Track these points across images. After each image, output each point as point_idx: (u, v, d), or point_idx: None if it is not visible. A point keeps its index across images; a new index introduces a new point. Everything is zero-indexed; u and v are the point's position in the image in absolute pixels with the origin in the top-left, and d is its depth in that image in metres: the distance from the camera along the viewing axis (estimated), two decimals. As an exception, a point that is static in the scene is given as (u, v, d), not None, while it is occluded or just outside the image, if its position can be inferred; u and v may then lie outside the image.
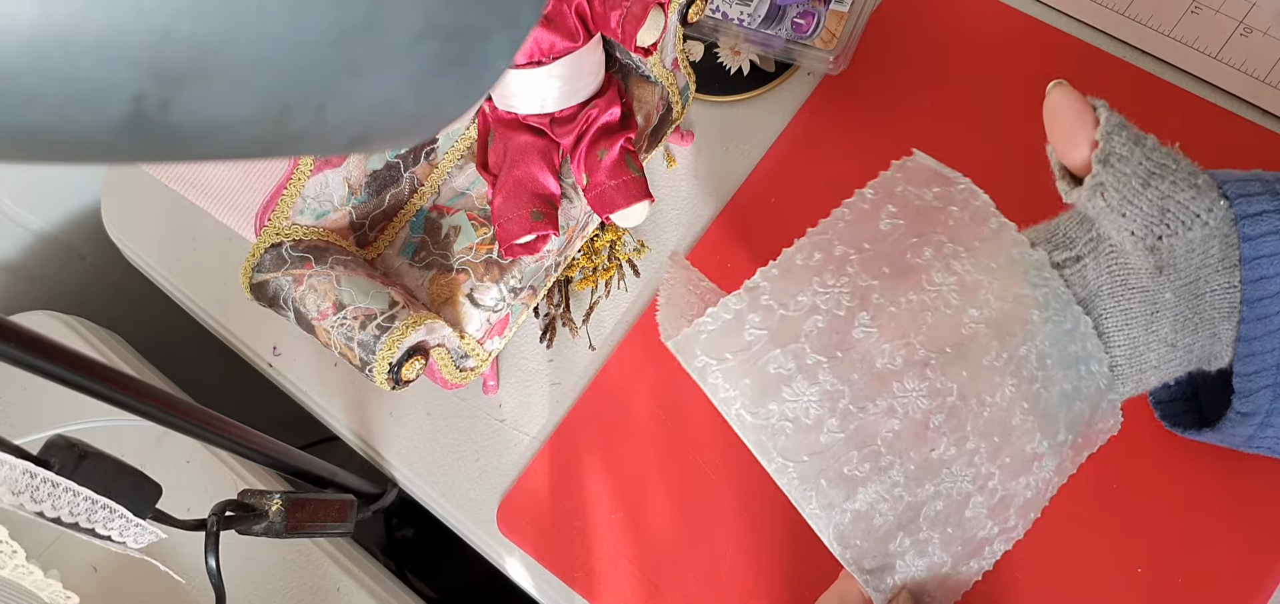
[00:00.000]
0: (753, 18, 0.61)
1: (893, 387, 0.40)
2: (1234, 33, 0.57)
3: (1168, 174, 0.38)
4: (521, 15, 0.16)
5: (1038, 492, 0.42)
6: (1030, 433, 0.42)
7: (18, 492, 0.35)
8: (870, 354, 0.40)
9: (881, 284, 0.40)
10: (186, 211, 0.67)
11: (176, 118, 0.13)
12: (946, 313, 0.40)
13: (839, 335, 0.40)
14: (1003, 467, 0.41)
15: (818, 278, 0.40)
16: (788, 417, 0.40)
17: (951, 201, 0.42)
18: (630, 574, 0.50)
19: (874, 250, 0.41)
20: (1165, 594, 0.45)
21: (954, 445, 0.40)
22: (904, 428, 0.40)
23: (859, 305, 0.40)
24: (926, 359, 0.40)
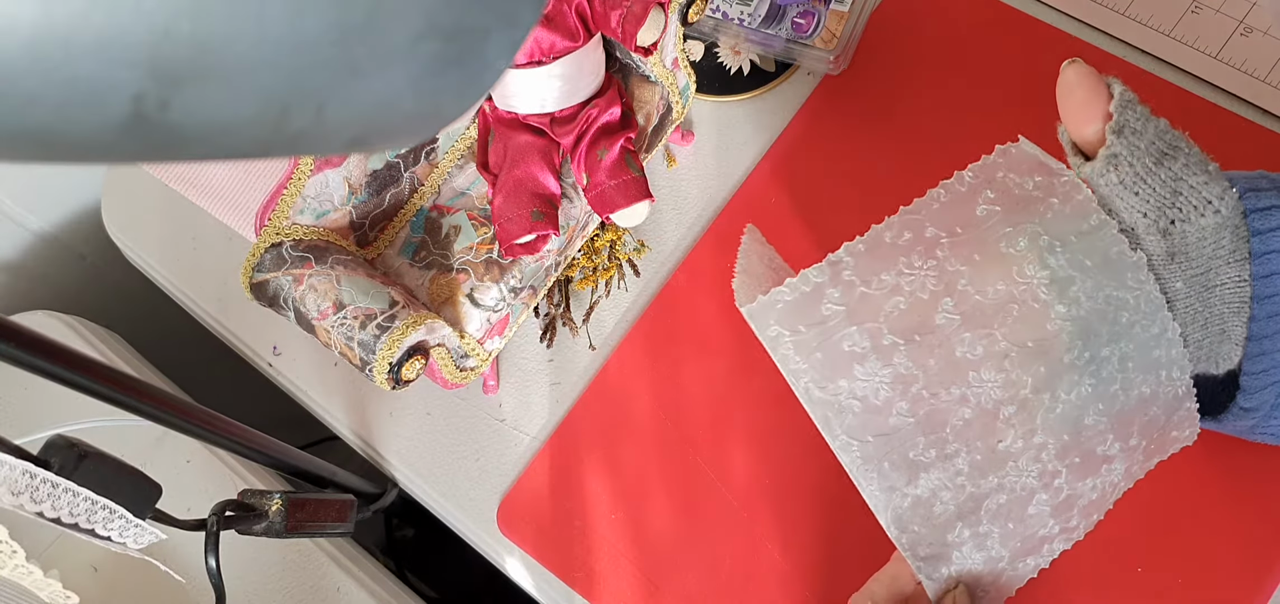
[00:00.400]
0: (753, 17, 0.61)
1: (969, 376, 0.39)
2: (1234, 32, 0.57)
3: (1180, 155, 0.38)
4: (521, 15, 0.16)
5: (1103, 494, 0.41)
6: (1102, 434, 0.41)
7: (18, 492, 0.35)
8: (950, 341, 0.39)
9: (971, 271, 0.39)
10: (186, 211, 0.67)
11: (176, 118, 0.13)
12: (1034, 307, 0.39)
13: (920, 318, 0.39)
14: (1071, 466, 0.40)
15: (905, 258, 0.39)
16: (857, 395, 0.39)
17: (1053, 192, 0.40)
18: (630, 574, 0.50)
19: (966, 236, 0.40)
20: (1165, 594, 0.45)
21: (1021, 438, 0.39)
22: (975, 418, 0.39)
23: (944, 291, 0.39)
24: (1006, 352, 0.39)
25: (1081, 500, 0.41)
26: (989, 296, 0.39)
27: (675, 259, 0.58)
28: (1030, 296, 0.39)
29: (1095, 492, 0.41)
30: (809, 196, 0.57)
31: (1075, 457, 0.40)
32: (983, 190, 0.40)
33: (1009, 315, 0.39)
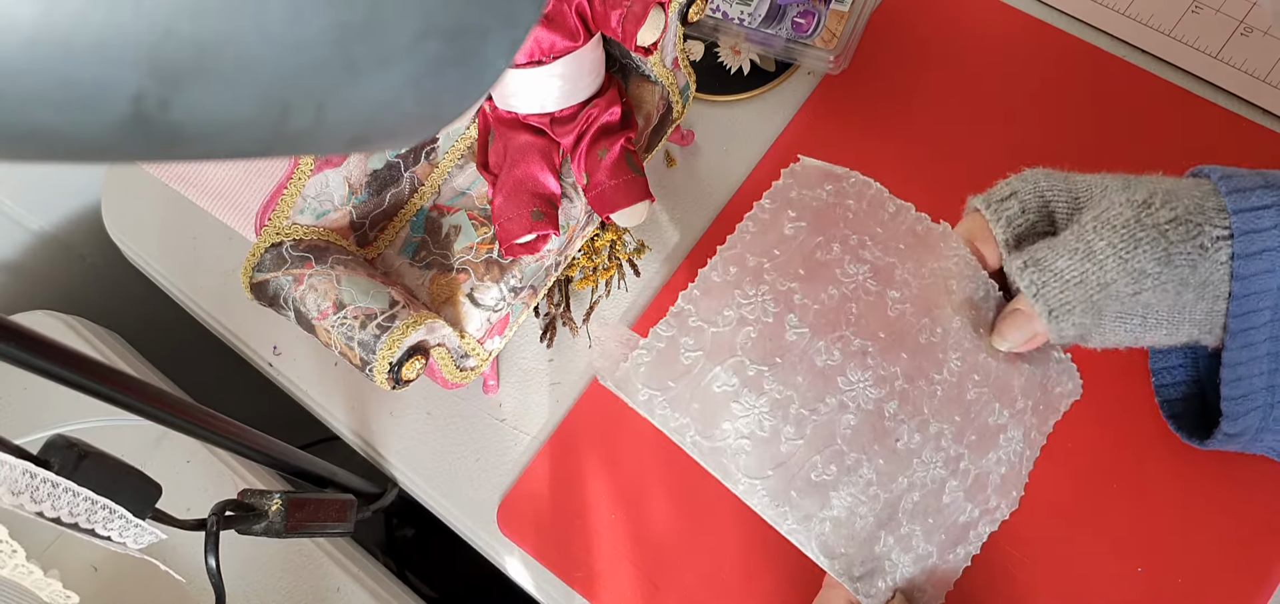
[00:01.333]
0: (753, 17, 0.61)
1: (838, 382, 0.40)
2: (1234, 32, 0.57)
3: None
4: (521, 15, 0.16)
5: (1012, 466, 0.42)
6: (988, 404, 0.42)
7: (18, 492, 0.35)
8: (807, 354, 0.40)
9: (800, 285, 0.41)
10: (186, 211, 0.67)
11: (177, 117, 0.13)
12: (868, 300, 0.41)
13: (773, 341, 0.40)
14: (970, 445, 0.41)
15: (738, 290, 0.41)
16: (743, 434, 0.40)
17: (846, 196, 0.42)
18: (630, 574, 0.50)
19: (784, 254, 0.41)
20: (1165, 594, 0.45)
21: (917, 431, 0.40)
22: (860, 422, 0.40)
23: (784, 308, 0.40)
24: (863, 348, 0.40)
25: (991, 478, 0.42)
26: (825, 302, 0.40)
27: (675, 259, 0.58)
28: (861, 291, 0.41)
29: (1003, 464, 0.42)
30: (809, 196, 0.57)
31: (971, 434, 0.41)
32: (784, 211, 0.42)
33: (849, 314, 0.40)
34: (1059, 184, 0.40)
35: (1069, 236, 0.38)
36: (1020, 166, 0.56)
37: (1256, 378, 0.38)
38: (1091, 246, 0.38)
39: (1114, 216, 0.37)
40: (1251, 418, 0.39)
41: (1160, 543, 0.46)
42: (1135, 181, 0.39)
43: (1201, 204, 0.37)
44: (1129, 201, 0.37)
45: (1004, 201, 0.41)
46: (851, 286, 0.41)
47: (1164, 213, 0.37)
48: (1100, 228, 0.37)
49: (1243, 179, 0.37)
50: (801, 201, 0.42)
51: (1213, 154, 0.54)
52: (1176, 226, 0.36)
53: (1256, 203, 0.36)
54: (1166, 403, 0.46)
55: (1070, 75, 0.58)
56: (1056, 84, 0.58)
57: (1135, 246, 0.37)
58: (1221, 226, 0.36)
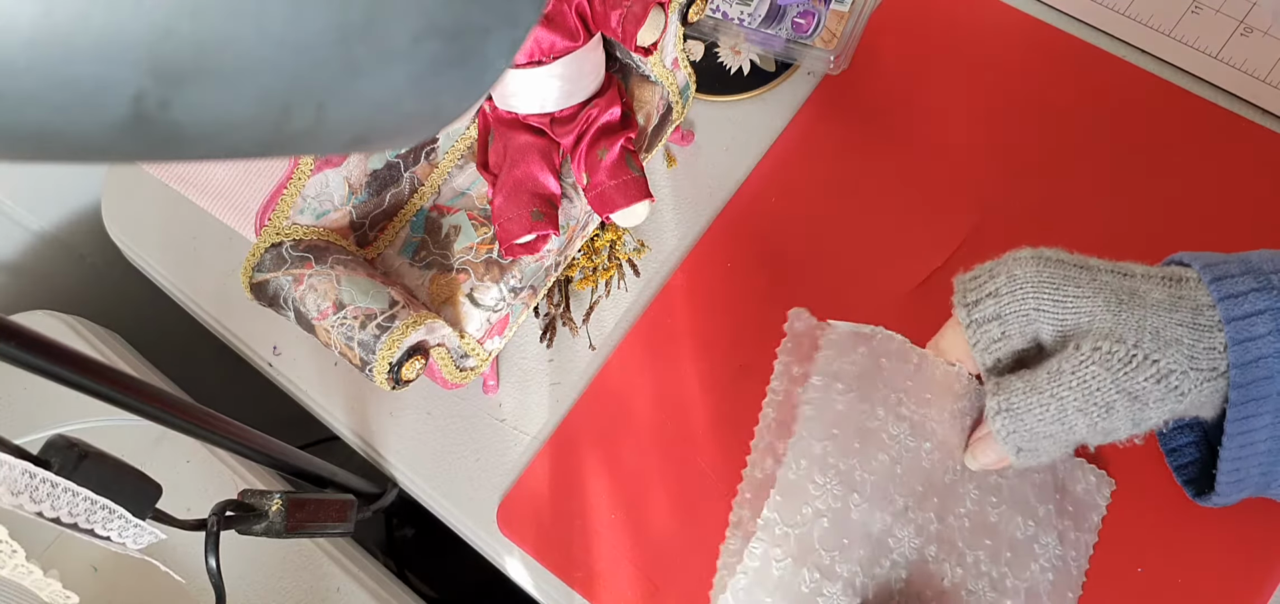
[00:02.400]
0: (753, 17, 0.61)
1: (888, 543, 0.43)
2: (1234, 32, 0.57)
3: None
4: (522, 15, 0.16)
5: (1058, 571, 0.45)
6: (1011, 519, 0.45)
7: (17, 492, 0.35)
8: (866, 526, 0.44)
9: (858, 461, 0.44)
10: (186, 211, 0.67)
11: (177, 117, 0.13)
12: (909, 459, 0.44)
13: (842, 525, 0.44)
14: (1008, 563, 0.44)
15: (810, 482, 0.44)
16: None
17: (878, 354, 0.46)
18: (630, 574, 0.50)
19: (842, 433, 0.45)
20: (1165, 594, 0.45)
21: (957, 565, 0.44)
22: (910, 573, 0.44)
23: (848, 489, 0.44)
24: (906, 505, 0.44)
25: (1041, 586, 0.45)
26: (877, 471, 0.44)
27: (675, 259, 0.58)
28: (902, 451, 0.44)
29: (1050, 572, 0.45)
30: (809, 197, 0.57)
31: (1007, 551, 0.45)
32: (833, 385, 0.46)
33: (894, 476, 0.44)
34: (1048, 308, 0.38)
35: (1044, 383, 0.38)
36: (1020, 165, 0.56)
37: (1253, 468, 0.38)
38: (1064, 406, 0.38)
39: (1090, 377, 0.37)
40: (1244, 493, 0.40)
41: (1160, 543, 0.46)
42: (1124, 314, 0.37)
43: (1192, 348, 0.36)
44: (1109, 356, 0.37)
45: (985, 324, 0.40)
46: (896, 449, 0.44)
47: (1145, 370, 0.36)
48: (1075, 386, 0.37)
49: (1235, 282, 0.36)
50: (842, 371, 0.46)
51: (1213, 154, 0.54)
52: (1157, 383, 0.36)
53: (1250, 309, 0.36)
54: (1171, 452, 0.46)
55: (1070, 75, 0.58)
56: (1056, 84, 0.58)
57: (1108, 412, 0.37)
58: (1207, 367, 0.36)
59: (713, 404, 0.53)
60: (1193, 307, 0.36)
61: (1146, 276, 0.38)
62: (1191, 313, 0.36)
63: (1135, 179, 0.54)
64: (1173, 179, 0.54)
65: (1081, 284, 0.38)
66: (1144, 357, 0.36)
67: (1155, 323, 0.36)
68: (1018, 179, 0.56)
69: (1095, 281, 0.38)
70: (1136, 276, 0.38)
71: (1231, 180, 0.53)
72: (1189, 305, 0.36)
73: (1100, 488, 0.47)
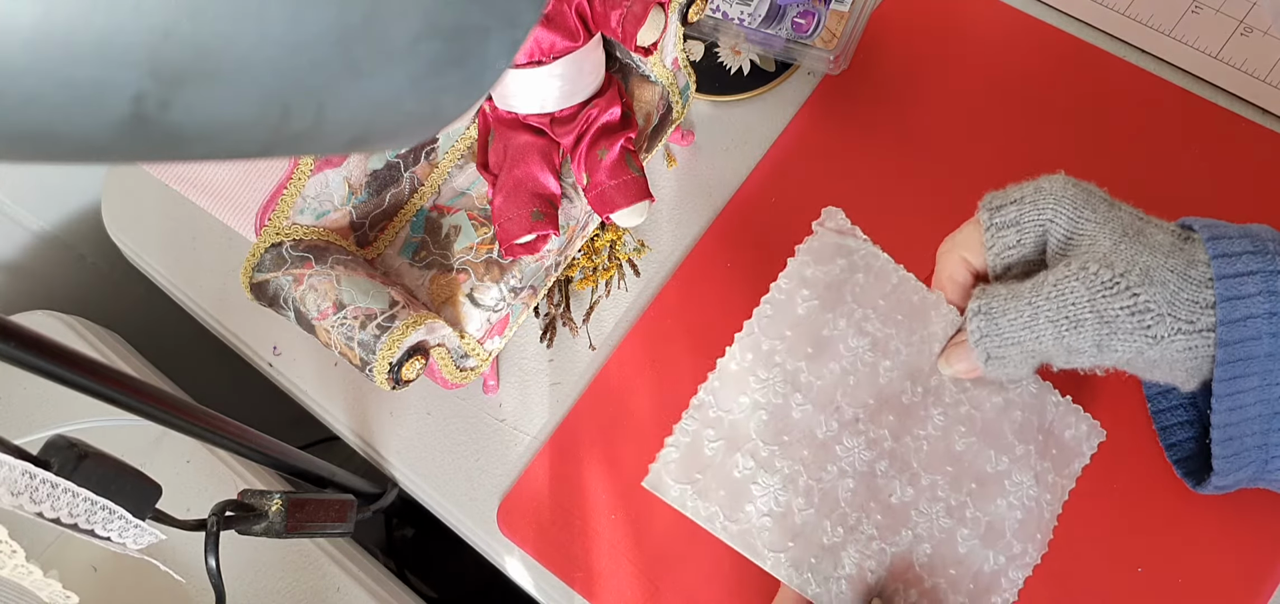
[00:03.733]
0: (753, 17, 0.61)
1: (835, 449, 0.44)
2: (1234, 32, 0.57)
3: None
4: (521, 15, 0.16)
5: (1028, 511, 0.45)
6: (980, 452, 0.45)
7: (17, 492, 0.35)
8: (810, 428, 0.44)
9: (807, 364, 0.45)
10: (186, 211, 0.67)
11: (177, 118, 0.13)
12: (864, 371, 0.45)
13: (782, 421, 0.44)
14: (971, 493, 0.44)
15: (752, 376, 0.45)
16: (763, 511, 0.44)
17: (856, 268, 0.46)
18: (630, 574, 0.50)
19: (795, 335, 0.45)
20: (1166, 594, 0.45)
21: (909, 485, 0.44)
22: (857, 483, 0.44)
23: (791, 388, 0.44)
24: (855, 416, 0.44)
25: (1008, 523, 0.44)
26: (826, 377, 0.45)
27: (675, 259, 0.58)
28: (859, 364, 0.45)
29: (1019, 510, 0.45)
30: (809, 196, 0.57)
31: (970, 482, 0.45)
32: (799, 291, 0.46)
33: (846, 386, 0.44)
34: (1062, 220, 0.40)
35: (1026, 292, 0.39)
36: (1020, 165, 0.56)
37: (1248, 436, 0.38)
38: (1037, 313, 0.38)
39: (1068, 290, 0.38)
40: (1244, 471, 0.40)
41: (1161, 543, 0.46)
42: (1122, 247, 0.38)
43: (1175, 294, 0.36)
44: (1093, 277, 0.37)
45: (1003, 229, 0.41)
46: (851, 360, 0.45)
47: (1122, 299, 0.37)
48: (1052, 296, 0.38)
49: (1232, 242, 0.37)
50: (815, 279, 0.46)
51: (1213, 154, 0.54)
52: (1130, 316, 0.37)
53: (1242, 269, 0.36)
54: (1170, 445, 0.46)
55: (1070, 75, 0.58)
56: (1056, 84, 0.58)
57: (1076, 327, 0.38)
58: (1185, 319, 0.36)
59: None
60: (1189, 259, 0.37)
61: (1159, 226, 0.39)
62: (1186, 263, 0.37)
63: (1135, 179, 0.54)
64: (1173, 179, 0.54)
65: (1098, 210, 0.39)
66: (1125, 287, 0.37)
67: (1147, 261, 0.37)
68: (1017, 179, 0.56)
69: (1112, 212, 0.39)
70: (1150, 222, 0.39)
71: (1231, 180, 0.53)
72: (1186, 257, 0.37)
73: (1090, 437, 0.47)
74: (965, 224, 0.44)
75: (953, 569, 0.44)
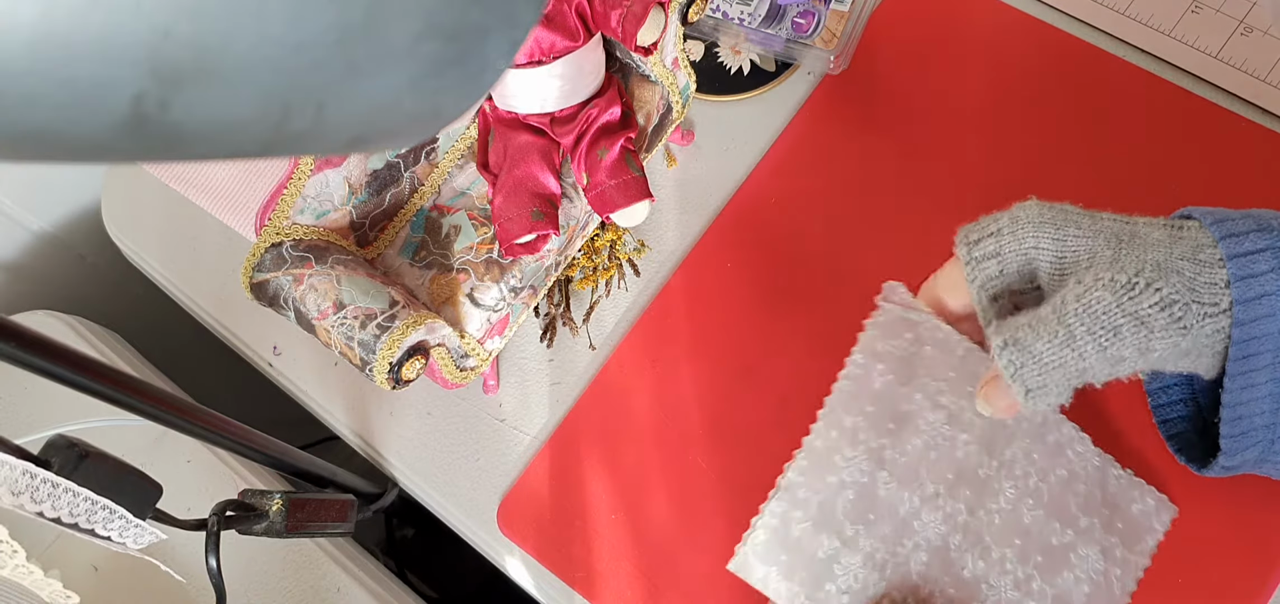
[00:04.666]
0: (753, 17, 0.61)
1: (913, 525, 0.44)
2: (1234, 32, 0.57)
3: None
4: (521, 15, 0.16)
5: (1095, 585, 0.45)
6: (1047, 524, 0.45)
7: (18, 492, 0.35)
8: (893, 505, 0.44)
9: (890, 440, 0.45)
10: (186, 211, 0.67)
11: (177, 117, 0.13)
12: (944, 446, 0.44)
13: (868, 499, 0.44)
14: (1038, 566, 0.44)
15: (839, 454, 0.45)
16: (843, 589, 0.44)
17: (923, 342, 0.46)
18: (630, 574, 0.50)
19: (877, 410, 0.45)
20: (1167, 593, 0.45)
21: (980, 558, 0.44)
22: (930, 558, 0.44)
23: (877, 466, 0.44)
24: (936, 492, 0.44)
25: (1077, 596, 0.45)
26: (909, 453, 0.44)
27: (675, 259, 0.58)
28: (939, 438, 0.44)
29: (1085, 583, 0.45)
30: (809, 196, 0.57)
31: (1037, 555, 0.45)
32: (874, 366, 0.46)
33: (927, 461, 0.44)
34: (1047, 245, 0.38)
35: (1050, 315, 0.38)
36: (1021, 165, 0.56)
37: (1257, 417, 0.38)
38: (1072, 332, 0.37)
39: (1095, 302, 0.37)
40: (1250, 452, 0.40)
41: (1162, 542, 0.46)
42: (1124, 251, 0.37)
43: (1192, 280, 0.36)
44: (1112, 283, 0.36)
45: (984, 261, 0.40)
46: (930, 435, 0.45)
47: (1149, 296, 0.36)
48: (1081, 313, 0.37)
49: (1235, 222, 0.37)
50: (887, 353, 0.46)
51: (1213, 154, 0.54)
52: (1161, 311, 0.36)
53: (1251, 247, 0.36)
54: (1164, 423, 0.46)
55: (1070, 75, 0.58)
56: (1056, 84, 0.58)
57: (1115, 336, 0.36)
58: (1208, 302, 0.36)
59: (713, 404, 0.53)
60: (1193, 244, 0.37)
61: (1147, 222, 0.39)
62: (1192, 249, 0.37)
63: (1135, 179, 0.54)
64: (1173, 179, 0.54)
65: (1082, 225, 0.38)
66: (1145, 284, 0.36)
67: (1155, 256, 0.37)
68: (1018, 178, 0.56)
69: (1096, 224, 0.38)
70: (1137, 222, 0.39)
71: (1232, 180, 0.53)
72: (1190, 243, 0.37)
73: (1160, 512, 0.46)
74: (945, 265, 0.43)
75: None
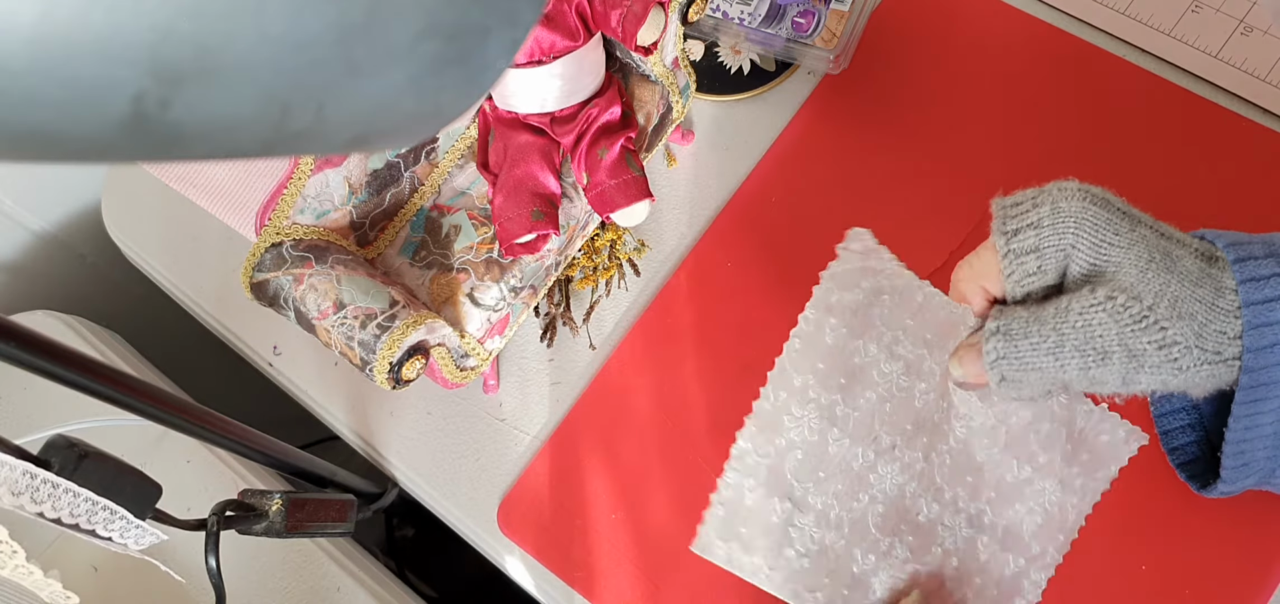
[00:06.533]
0: (753, 17, 0.61)
1: (869, 479, 0.43)
2: (1234, 32, 0.57)
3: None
4: (522, 15, 0.16)
5: (1049, 514, 0.44)
6: (1004, 463, 0.44)
7: (18, 492, 0.35)
8: (846, 461, 0.43)
9: (841, 396, 0.44)
10: (186, 211, 0.67)
11: (177, 117, 0.13)
12: (900, 397, 0.44)
13: (817, 457, 0.43)
14: (991, 501, 0.44)
15: (787, 414, 0.44)
16: (801, 552, 0.43)
17: (882, 289, 0.45)
18: (630, 574, 0.50)
19: (827, 367, 0.44)
20: (1169, 592, 0.45)
21: (934, 500, 0.43)
22: (887, 508, 0.43)
23: (827, 423, 0.43)
24: (893, 443, 0.43)
25: (1026, 526, 0.44)
26: (862, 408, 0.43)
27: (675, 259, 0.58)
28: (894, 389, 0.44)
29: (1037, 514, 0.44)
30: (809, 196, 0.57)
31: (990, 492, 0.44)
32: (826, 320, 0.45)
33: (882, 414, 0.43)
34: (1085, 248, 0.37)
35: (1049, 318, 0.37)
36: (1020, 165, 0.56)
37: (1259, 451, 0.38)
38: (1062, 342, 0.37)
39: (1096, 322, 0.36)
40: (1250, 479, 0.40)
41: (1164, 541, 0.46)
42: (1150, 274, 0.36)
43: (1202, 327, 0.36)
44: (1121, 309, 0.36)
45: (1023, 256, 0.39)
46: (886, 387, 0.44)
47: (1151, 333, 0.36)
48: (1079, 327, 0.36)
49: (1259, 264, 0.36)
50: (840, 306, 0.45)
51: (1213, 153, 0.54)
52: (1158, 350, 0.36)
53: (1271, 294, 0.35)
54: (1173, 451, 0.46)
55: (1070, 75, 0.58)
56: (1056, 83, 0.58)
57: (1103, 360, 0.36)
58: (1212, 351, 0.36)
59: (713, 403, 0.53)
60: (1217, 287, 0.36)
61: (1183, 243, 0.38)
62: (1214, 292, 0.36)
63: (1135, 178, 0.54)
64: (1173, 178, 0.54)
65: (1120, 232, 0.37)
66: (1154, 321, 0.36)
67: (1177, 291, 0.36)
68: (1018, 178, 0.56)
69: (1134, 232, 0.37)
70: (1174, 240, 0.38)
71: (1232, 180, 0.53)
72: (1214, 284, 0.36)
73: (1128, 441, 0.45)
74: (980, 248, 0.42)
75: (977, 578, 0.44)
